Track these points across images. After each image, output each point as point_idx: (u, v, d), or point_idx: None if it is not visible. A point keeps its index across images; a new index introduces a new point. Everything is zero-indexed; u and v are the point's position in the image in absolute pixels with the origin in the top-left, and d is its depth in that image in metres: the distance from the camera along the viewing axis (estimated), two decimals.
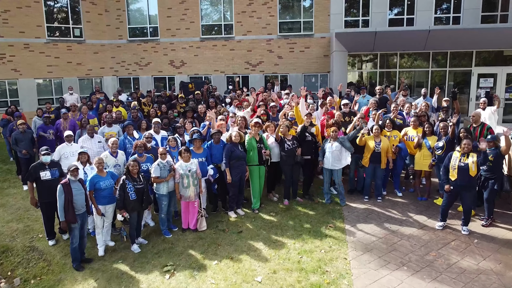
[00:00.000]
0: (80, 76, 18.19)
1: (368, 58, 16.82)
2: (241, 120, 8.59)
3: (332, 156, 8.15)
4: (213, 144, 8.04)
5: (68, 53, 17.79)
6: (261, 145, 8.16)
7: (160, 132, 8.81)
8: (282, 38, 17.58)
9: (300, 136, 8.40)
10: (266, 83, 17.40)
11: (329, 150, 8.17)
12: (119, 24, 18.47)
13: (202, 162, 7.74)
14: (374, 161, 8.36)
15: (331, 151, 8.15)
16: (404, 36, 14.09)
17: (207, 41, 18.03)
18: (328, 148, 8.18)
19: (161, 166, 7.21)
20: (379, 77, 16.34)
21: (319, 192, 9.16)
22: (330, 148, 8.17)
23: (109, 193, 6.90)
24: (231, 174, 7.77)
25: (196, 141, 7.76)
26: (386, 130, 8.69)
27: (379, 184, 8.60)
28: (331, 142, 8.22)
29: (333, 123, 8.85)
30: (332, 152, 8.15)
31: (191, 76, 18.50)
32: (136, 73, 18.81)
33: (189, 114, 10.46)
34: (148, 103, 12.69)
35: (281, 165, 8.50)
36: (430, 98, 11.38)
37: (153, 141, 8.51)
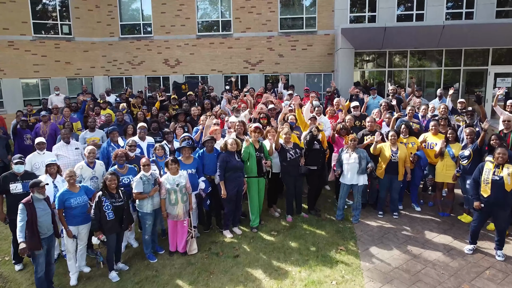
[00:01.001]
0: (69, 76, 17.17)
1: (371, 57, 15.77)
2: (239, 125, 7.55)
3: (351, 169, 7.12)
4: (206, 153, 7.01)
5: (56, 51, 16.77)
6: (260, 154, 7.12)
7: (146, 138, 7.77)
8: (283, 35, 16.58)
9: (308, 145, 7.36)
10: (266, 83, 16.36)
11: (347, 162, 7.12)
12: (111, 20, 17.47)
13: (192, 174, 6.72)
14: (390, 171, 7.33)
15: (348, 163, 7.12)
16: (416, 32, 13.04)
17: (204, 39, 17.03)
18: (346, 159, 7.14)
19: (144, 179, 6.18)
20: (387, 77, 15.28)
21: (327, 205, 8.14)
22: (347, 160, 7.13)
23: (82, 212, 5.92)
24: (226, 187, 6.74)
25: (185, 150, 6.72)
26: (402, 137, 7.66)
27: (395, 197, 7.57)
28: (349, 153, 7.17)
29: (341, 128, 7.82)
30: (349, 165, 7.12)
31: (186, 75, 17.49)
32: (128, 72, 17.79)
33: (181, 118, 9.43)
34: (138, 105, 11.65)
35: (282, 177, 7.48)
36: (445, 100, 10.34)
37: (137, 149, 7.49)
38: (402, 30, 13.10)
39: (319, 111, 8.78)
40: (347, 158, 7.17)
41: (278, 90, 12.58)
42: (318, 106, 8.93)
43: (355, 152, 7.17)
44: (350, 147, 7.17)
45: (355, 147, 7.20)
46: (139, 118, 9.76)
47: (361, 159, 7.14)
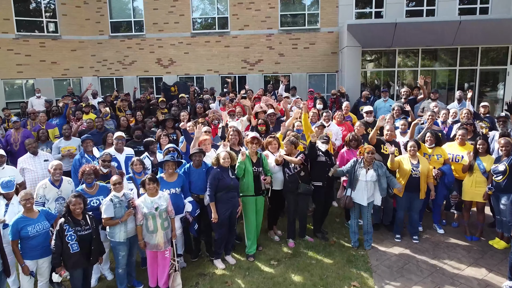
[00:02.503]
0: (56, 77, 16.09)
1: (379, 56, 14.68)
2: (233, 135, 6.47)
3: (367, 188, 6.04)
4: (193, 168, 5.93)
5: (41, 50, 15.70)
6: (259, 169, 6.03)
7: (125, 150, 6.68)
8: (284, 33, 15.52)
9: (309, 155, 6.27)
10: (266, 84, 15.29)
11: (363, 180, 6.03)
12: (100, 17, 16.41)
13: (177, 194, 5.64)
14: (410, 189, 6.26)
15: (365, 181, 6.02)
16: (430, 29, 11.94)
17: (199, 37, 15.97)
18: (362, 176, 6.04)
19: (115, 201, 5.12)
20: (396, 78, 14.17)
21: (335, 226, 7.06)
22: (363, 177, 6.03)
23: (42, 242, 4.90)
24: (218, 210, 5.67)
25: (167, 165, 5.64)
26: (427, 147, 6.58)
27: (415, 219, 6.48)
28: (365, 168, 6.07)
29: (351, 138, 6.73)
30: (366, 183, 6.03)
31: (181, 76, 16.43)
32: (119, 73, 16.72)
33: (169, 124, 8.36)
34: (125, 109, 10.57)
35: (284, 194, 6.40)
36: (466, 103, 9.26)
37: (114, 163, 6.41)
38: (414, 26, 12.00)
39: (328, 117, 7.68)
40: (363, 174, 6.06)
41: (278, 92, 11.50)
42: (327, 112, 7.83)
43: (373, 167, 6.07)
44: (367, 160, 6.06)
45: (371, 162, 6.08)
46: (121, 125, 8.69)
47: (380, 176, 6.04)
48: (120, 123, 8.72)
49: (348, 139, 6.83)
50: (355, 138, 6.76)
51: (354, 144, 6.74)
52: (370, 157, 6.03)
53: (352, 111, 9.83)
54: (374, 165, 6.09)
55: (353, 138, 6.77)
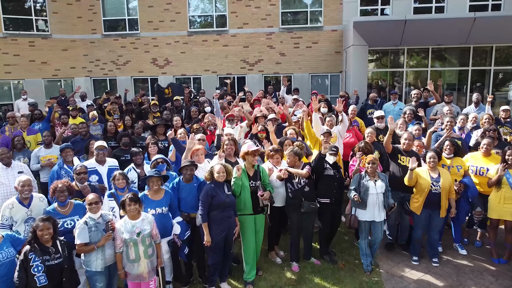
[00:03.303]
0: (46, 77, 15.37)
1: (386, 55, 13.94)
2: (229, 144, 5.73)
3: (379, 200, 5.33)
4: (182, 182, 5.20)
5: (30, 50, 14.96)
6: (256, 183, 5.29)
7: (107, 161, 5.93)
8: (285, 31, 14.79)
9: (316, 168, 5.54)
10: (266, 86, 14.55)
11: (374, 192, 5.31)
12: (92, 16, 15.68)
13: (163, 214, 4.91)
14: (430, 205, 5.52)
15: (376, 194, 5.31)
16: (442, 26, 11.17)
17: (196, 36, 15.24)
18: (372, 189, 5.32)
19: (90, 224, 4.39)
20: (405, 78, 13.40)
21: (344, 246, 6.31)
22: (373, 189, 5.31)
23: (5, 274, 4.23)
24: (211, 232, 4.93)
25: (152, 181, 4.90)
26: (446, 157, 5.84)
27: (435, 239, 5.74)
28: (372, 180, 5.36)
29: (361, 147, 5.99)
30: (378, 196, 5.32)
31: (177, 77, 15.72)
32: (113, 73, 16.00)
33: (160, 130, 7.61)
34: (114, 112, 9.83)
35: (286, 211, 5.66)
36: (484, 106, 8.54)
37: (95, 176, 5.68)
38: (425, 23, 11.24)
39: (331, 122, 6.93)
40: (372, 187, 5.35)
41: (279, 95, 10.76)
42: (330, 116, 7.08)
43: (379, 177, 5.39)
44: (369, 172, 5.37)
45: (374, 173, 5.40)
46: (108, 130, 7.96)
47: (387, 187, 5.40)
48: (106, 129, 7.98)
49: (357, 149, 6.09)
50: (367, 147, 6.02)
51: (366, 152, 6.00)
52: (372, 167, 5.35)
53: (358, 115, 9.09)
54: (380, 175, 5.46)
55: (364, 147, 6.03)
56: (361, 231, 5.53)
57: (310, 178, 5.49)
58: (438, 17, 11.36)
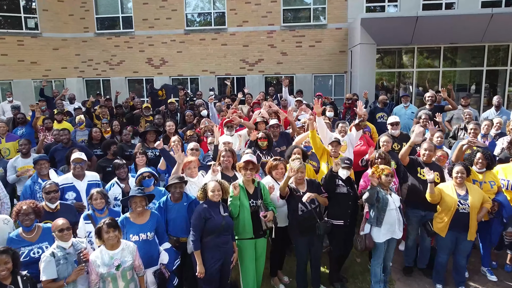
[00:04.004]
0: (36, 78, 14.63)
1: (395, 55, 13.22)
2: (226, 156, 5.01)
3: (397, 216, 4.68)
4: (170, 202, 4.48)
5: (19, 49, 14.24)
6: (257, 203, 4.56)
7: (86, 175, 5.19)
8: (287, 29, 14.07)
9: (327, 186, 4.82)
10: (267, 87, 13.82)
11: (394, 207, 4.62)
12: (85, 13, 14.96)
13: (148, 240, 4.18)
14: (457, 227, 4.79)
15: (396, 209, 4.63)
16: (456, 23, 10.44)
17: (193, 34, 14.53)
18: (391, 203, 4.62)
19: (59, 256, 3.70)
20: (415, 79, 12.66)
21: (356, 270, 5.58)
22: (393, 204, 4.62)
23: None
24: (205, 261, 4.22)
25: (134, 201, 4.18)
26: (477, 171, 5.11)
27: (462, 264, 5.02)
28: (388, 193, 4.67)
29: (378, 157, 5.26)
30: (395, 213, 4.65)
31: (173, 77, 15.02)
32: (106, 73, 15.28)
33: (150, 137, 6.87)
34: (104, 116, 9.09)
35: (291, 236, 4.92)
36: (507, 111, 7.82)
37: (72, 194, 4.96)
38: (438, 20, 10.50)
39: (344, 129, 6.21)
40: (391, 201, 4.65)
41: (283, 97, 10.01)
42: (344, 123, 6.35)
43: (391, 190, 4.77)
44: (385, 184, 4.69)
45: (388, 184, 4.74)
46: (93, 137, 7.22)
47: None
48: (91, 135, 7.25)
49: (374, 159, 5.36)
50: (382, 157, 5.28)
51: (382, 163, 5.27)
52: (389, 180, 4.68)
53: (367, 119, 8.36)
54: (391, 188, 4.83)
55: (380, 157, 5.30)
56: (378, 255, 4.80)
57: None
58: (453, 13, 10.63)
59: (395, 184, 5.16)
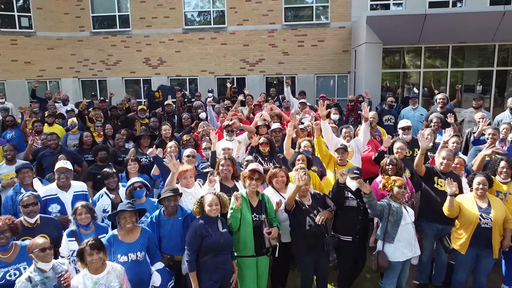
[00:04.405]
0: (30, 79, 14.19)
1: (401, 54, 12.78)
2: (225, 165, 4.58)
3: (411, 235, 4.26)
4: (163, 216, 4.06)
5: (12, 48, 13.81)
6: (260, 217, 4.14)
7: (72, 185, 4.76)
8: (289, 28, 13.64)
9: (335, 199, 4.39)
10: (268, 87, 13.39)
11: (410, 221, 4.20)
12: (80, 12, 14.52)
13: (138, 261, 3.75)
14: (478, 243, 4.36)
15: (412, 223, 4.24)
16: (467, 22, 10.01)
17: (192, 33, 14.10)
18: (406, 217, 4.20)
19: (36, 281, 3.31)
20: (422, 79, 12.22)
21: (366, 286, 5.15)
22: (409, 218, 4.21)
23: None
24: (201, 283, 3.81)
25: (123, 217, 3.75)
26: (501, 182, 4.68)
27: (483, 283, 4.58)
28: (401, 206, 4.26)
29: (390, 163, 4.83)
30: (412, 225, 4.28)
31: (171, 78, 14.59)
32: (102, 74, 14.85)
33: (144, 142, 6.46)
34: (97, 119, 8.67)
35: (295, 253, 4.49)
36: None
37: (56, 206, 4.54)
38: (447, 18, 10.07)
39: (349, 134, 5.78)
40: (406, 215, 4.23)
41: (285, 98, 9.59)
42: (347, 127, 5.93)
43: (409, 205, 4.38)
44: (398, 197, 4.29)
45: (402, 197, 4.33)
46: (84, 142, 6.79)
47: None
48: (82, 140, 6.82)
49: (384, 165, 4.94)
50: (394, 163, 4.85)
51: (393, 170, 4.85)
52: (402, 193, 4.26)
53: None
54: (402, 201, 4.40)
55: (392, 163, 4.86)
56: (392, 275, 4.35)
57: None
58: (463, 10, 10.19)
59: (408, 194, 4.74)
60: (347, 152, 5.33)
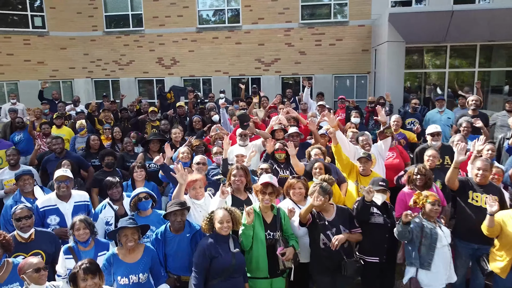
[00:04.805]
0: (43, 79, 13.98)
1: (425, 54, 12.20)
2: (237, 175, 4.17)
3: (449, 255, 3.83)
4: (170, 233, 3.68)
5: (25, 48, 13.69)
6: (275, 235, 3.73)
7: (73, 195, 4.41)
8: (306, 27, 13.18)
9: (359, 218, 3.95)
10: (284, 88, 12.95)
11: (445, 243, 3.75)
12: (93, 11, 14.32)
13: (140, 283, 3.38)
14: None
15: (448, 246, 3.81)
16: (497, 18, 9.37)
17: (206, 32, 13.76)
18: (442, 239, 3.73)
19: None
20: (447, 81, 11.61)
21: None
22: (445, 239, 3.75)
23: None
24: None
25: (124, 235, 3.39)
26: None
27: None
28: (436, 225, 3.80)
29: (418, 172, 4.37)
30: (448, 248, 3.83)
31: (185, 78, 14.29)
32: (115, 74, 14.64)
33: (153, 147, 6.11)
34: (107, 121, 8.37)
35: (313, 273, 4.04)
36: None
37: (55, 218, 4.21)
38: (476, 15, 9.46)
39: (367, 142, 5.30)
40: (441, 236, 3.76)
41: (302, 100, 9.14)
42: (364, 135, 5.43)
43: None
44: (431, 215, 3.81)
45: (436, 214, 3.86)
46: (91, 146, 6.48)
47: None
48: (89, 144, 6.51)
49: (412, 175, 4.47)
50: (423, 173, 4.38)
51: (422, 182, 4.39)
52: (436, 210, 3.79)
53: None
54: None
55: (420, 173, 4.40)
56: None
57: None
58: (494, 6, 9.53)
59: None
60: (371, 161, 4.87)
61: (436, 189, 4.60)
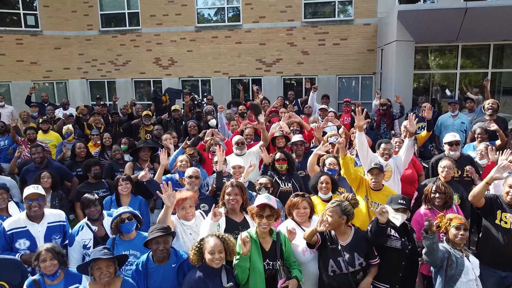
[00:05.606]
0: (36, 80, 13.58)
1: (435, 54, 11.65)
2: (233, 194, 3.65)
3: None
4: (152, 263, 3.17)
5: (18, 48, 13.19)
6: (275, 264, 3.21)
7: (46, 215, 3.88)
8: (309, 25, 12.66)
9: (374, 241, 3.43)
10: (286, 90, 12.43)
11: (473, 276, 3.26)
12: (88, 9, 13.80)
13: None
14: None
15: (475, 279, 3.30)
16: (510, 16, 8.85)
17: (205, 31, 13.25)
18: (467, 272, 3.22)
19: None
20: (458, 82, 11.04)
21: None
22: (472, 271, 3.26)
23: None
24: None
25: (99, 267, 2.88)
26: None
27: None
28: (465, 255, 3.30)
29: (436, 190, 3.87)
30: (477, 282, 3.31)
31: (183, 79, 13.78)
32: (111, 75, 14.13)
33: (144, 155, 5.61)
34: (97, 126, 7.87)
35: None
36: None
37: (24, 242, 3.72)
38: (491, 12, 8.90)
39: (389, 152, 4.78)
40: (468, 267, 3.24)
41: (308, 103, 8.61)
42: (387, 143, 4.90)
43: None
44: (456, 242, 3.31)
45: (463, 240, 3.34)
46: (77, 154, 5.97)
47: None
48: (75, 151, 6.00)
49: (430, 193, 3.96)
50: (442, 191, 3.88)
51: (441, 201, 3.89)
52: (462, 236, 3.29)
53: None
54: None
55: (439, 191, 3.89)
56: None
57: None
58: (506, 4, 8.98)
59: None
60: (383, 173, 4.34)
61: (456, 209, 4.08)
